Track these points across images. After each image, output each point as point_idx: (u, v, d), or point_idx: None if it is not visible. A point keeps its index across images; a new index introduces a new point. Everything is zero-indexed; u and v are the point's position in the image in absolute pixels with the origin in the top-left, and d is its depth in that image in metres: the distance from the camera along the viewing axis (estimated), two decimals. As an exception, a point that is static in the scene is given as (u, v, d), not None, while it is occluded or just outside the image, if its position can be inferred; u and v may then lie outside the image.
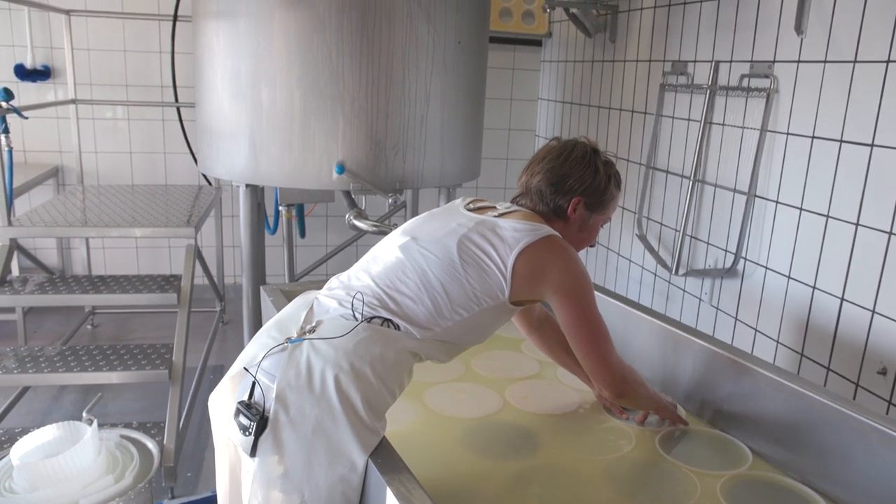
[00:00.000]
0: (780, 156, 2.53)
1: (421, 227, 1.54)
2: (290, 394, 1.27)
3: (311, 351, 1.31)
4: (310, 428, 1.26)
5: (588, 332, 1.52)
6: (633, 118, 3.53)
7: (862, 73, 2.18)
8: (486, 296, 1.41)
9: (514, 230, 1.45)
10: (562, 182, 1.58)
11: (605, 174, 1.61)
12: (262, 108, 2.79)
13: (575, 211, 1.60)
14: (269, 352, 1.34)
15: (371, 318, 1.36)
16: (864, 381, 2.21)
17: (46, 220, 3.04)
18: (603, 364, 1.55)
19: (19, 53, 4.09)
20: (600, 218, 1.66)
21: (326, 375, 1.28)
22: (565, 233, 1.58)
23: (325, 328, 1.35)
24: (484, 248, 1.42)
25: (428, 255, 1.43)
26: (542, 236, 1.45)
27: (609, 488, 1.50)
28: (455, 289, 1.40)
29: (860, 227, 2.20)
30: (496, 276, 1.41)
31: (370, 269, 1.47)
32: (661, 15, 3.25)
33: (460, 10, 2.90)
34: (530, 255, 1.42)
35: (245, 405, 1.29)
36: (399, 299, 1.39)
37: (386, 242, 1.54)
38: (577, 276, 1.49)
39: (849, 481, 1.46)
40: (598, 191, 1.61)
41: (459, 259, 1.41)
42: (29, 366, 2.68)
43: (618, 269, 3.74)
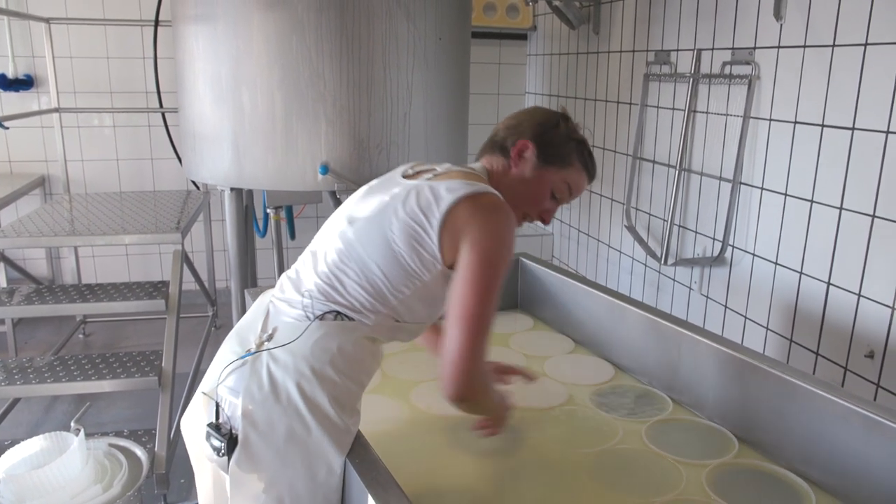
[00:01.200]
0: (764, 142, 2.53)
1: (358, 207, 1.43)
2: (255, 409, 1.26)
3: (271, 361, 1.29)
4: (281, 439, 1.26)
5: (473, 298, 1.27)
6: (619, 109, 3.52)
7: (841, 57, 2.17)
8: (424, 269, 1.33)
9: (444, 191, 1.33)
10: (517, 125, 1.52)
11: (565, 132, 1.51)
12: (243, 111, 2.78)
13: (521, 155, 1.48)
14: (230, 368, 1.32)
15: (323, 315, 1.33)
16: (853, 364, 2.21)
17: (33, 231, 3.03)
18: (468, 348, 1.27)
19: (0, 63, 4.07)
20: (553, 176, 1.50)
21: (289, 384, 1.26)
22: (506, 179, 1.48)
23: (281, 334, 1.33)
24: (416, 218, 1.32)
25: (363, 237, 1.35)
26: (472, 192, 1.32)
27: (595, 481, 1.50)
28: (392, 268, 1.32)
29: (844, 211, 2.20)
30: (429, 245, 1.31)
31: (315, 263, 1.40)
32: (643, 5, 3.25)
33: (440, 7, 2.89)
34: (457, 212, 1.30)
35: (214, 426, 1.28)
36: (343, 290, 1.34)
37: (327, 229, 1.47)
38: (497, 238, 1.31)
39: (835, 467, 1.46)
40: (552, 141, 1.49)
41: (392, 235, 1.32)
42: (17, 377, 2.67)
43: (608, 261, 3.73)
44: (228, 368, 1.32)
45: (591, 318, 2.14)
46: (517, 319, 2.39)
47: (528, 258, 2.45)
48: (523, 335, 2.26)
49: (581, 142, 1.54)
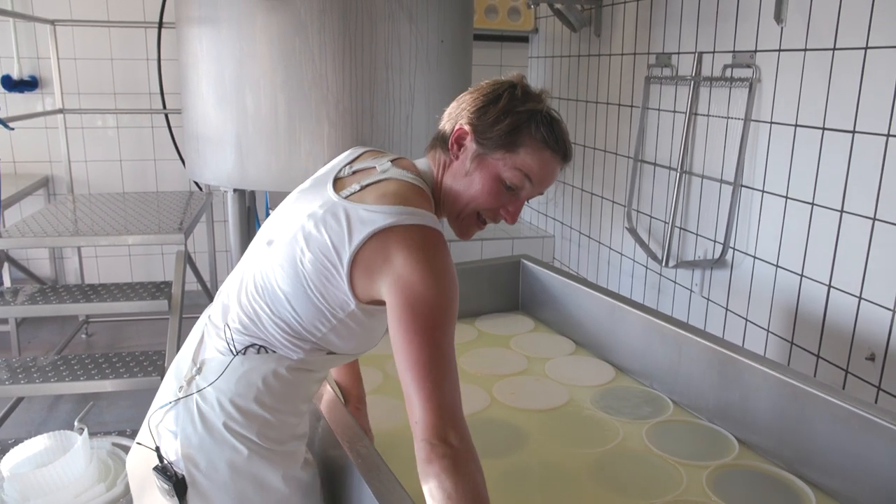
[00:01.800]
0: (765, 145, 2.53)
1: (281, 224, 1.27)
2: (193, 451, 1.21)
3: (200, 400, 1.22)
4: (226, 474, 1.21)
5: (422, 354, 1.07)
6: (620, 111, 3.53)
7: (841, 61, 2.18)
8: (336, 307, 1.17)
9: (359, 220, 1.14)
10: (455, 108, 1.29)
11: (506, 105, 1.23)
12: (247, 112, 2.79)
13: (459, 145, 1.25)
14: (165, 407, 1.26)
15: (245, 349, 1.22)
16: (854, 367, 2.22)
17: (37, 231, 3.04)
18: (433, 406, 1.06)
19: (5, 64, 4.09)
20: (499, 163, 1.22)
21: (217, 424, 1.21)
22: (450, 175, 1.27)
23: (208, 369, 1.24)
24: (325, 251, 1.15)
25: (276, 266, 1.20)
26: (393, 224, 1.12)
27: (596, 482, 1.51)
28: (303, 304, 1.18)
29: (845, 214, 2.21)
30: (339, 283, 1.15)
31: (239, 291, 1.27)
32: (645, 8, 3.26)
33: (442, 9, 2.90)
34: (371, 246, 1.12)
35: (160, 470, 1.23)
36: (260, 324, 1.21)
37: (252, 250, 1.32)
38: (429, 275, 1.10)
39: (835, 469, 1.47)
40: (489, 121, 1.22)
41: (302, 268, 1.17)
42: (21, 377, 2.68)
43: (609, 263, 3.74)
44: (164, 409, 1.26)
45: (592, 319, 2.15)
46: (518, 321, 2.40)
47: (529, 260, 2.46)
48: (524, 337, 2.27)
49: (534, 113, 1.23)
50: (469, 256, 4.22)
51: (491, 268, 2.48)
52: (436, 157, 1.30)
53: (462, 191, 1.26)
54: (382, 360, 2.04)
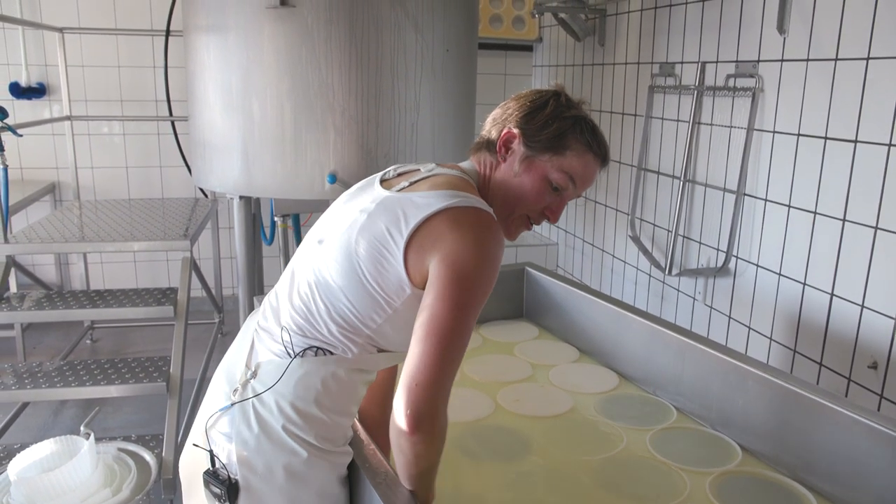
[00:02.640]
0: (768, 154, 2.55)
1: (331, 223, 1.31)
2: (249, 453, 1.22)
3: (258, 403, 1.24)
4: (282, 477, 1.23)
5: (448, 315, 1.12)
6: (624, 120, 3.55)
7: (843, 71, 2.20)
8: (392, 295, 1.20)
9: (415, 205, 1.18)
10: (502, 114, 1.34)
11: (553, 111, 1.30)
12: (253, 120, 2.82)
13: (507, 148, 1.31)
14: (219, 413, 1.28)
15: (303, 352, 1.24)
16: (856, 375, 2.22)
17: (43, 237, 3.06)
18: (433, 369, 1.12)
19: (14, 71, 4.12)
20: (547, 165, 1.29)
21: (277, 427, 1.22)
22: (498, 177, 1.32)
23: (265, 373, 1.25)
24: (381, 238, 1.18)
25: (330, 261, 1.23)
26: (447, 206, 1.16)
27: (600, 488, 1.52)
28: (359, 296, 1.20)
29: (847, 223, 2.22)
30: (395, 268, 1.17)
31: (290, 293, 1.29)
32: (648, 17, 3.28)
33: (448, 18, 2.92)
34: (427, 228, 1.15)
35: (211, 474, 1.25)
36: (317, 324, 1.24)
37: (301, 249, 1.36)
38: (477, 253, 1.14)
39: (837, 476, 1.47)
40: (538, 125, 1.29)
41: (357, 259, 1.19)
42: (27, 382, 2.70)
43: (613, 271, 3.75)
44: (218, 413, 1.28)
45: (596, 327, 2.16)
46: (522, 328, 2.41)
47: (533, 268, 2.47)
48: (528, 344, 2.28)
49: (578, 119, 1.31)
50: (473, 264, 4.23)
51: (495, 275, 2.49)
52: (481, 160, 1.36)
53: (511, 190, 1.31)
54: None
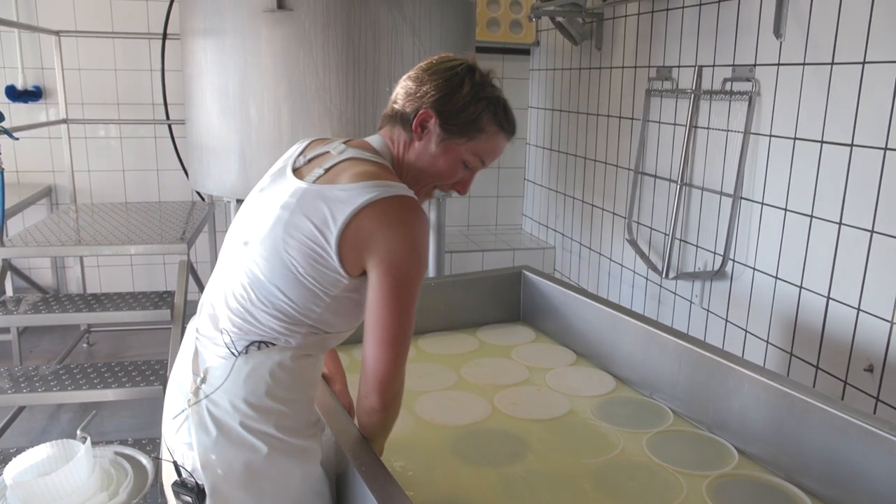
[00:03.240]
0: (764, 157, 2.56)
1: (252, 222, 1.31)
2: (211, 456, 1.23)
3: (211, 405, 1.25)
4: (244, 475, 1.24)
5: (392, 319, 1.22)
6: (621, 124, 3.56)
7: (839, 75, 2.21)
8: (329, 286, 1.23)
9: (339, 199, 1.20)
10: (416, 90, 1.32)
11: (470, 93, 1.31)
12: (250, 123, 2.82)
13: (423, 128, 1.32)
14: (176, 423, 1.29)
15: (246, 348, 1.26)
16: (852, 378, 2.23)
17: (40, 240, 3.06)
18: (391, 366, 1.24)
19: (10, 75, 4.12)
20: (462, 147, 1.33)
21: (234, 425, 1.23)
22: (410, 154, 1.35)
23: (212, 376, 1.26)
24: (311, 237, 1.21)
25: (260, 262, 1.25)
26: (375, 199, 1.19)
27: (597, 491, 1.52)
28: (296, 290, 1.23)
29: (843, 227, 2.22)
30: (330, 263, 1.21)
31: (225, 297, 1.29)
32: (645, 22, 3.29)
33: (445, 22, 2.93)
34: (359, 223, 1.19)
35: (179, 484, 1.27)
36: (256, 322, 1.25)
37: (225, 251, 1.36)
38: (410, 249, 1.21)
39: (834, 479, 1.47)
40: (455, 109, 1.30)
41: (289, 258, 1.22)
42: (23, 385, 2.70)
43: (610, 274, 3.76)
44: (174, 424, 1.29)
45: (593, 330, 2.16)
46: (519, 332, 2.41)
47: (531, 271, 2.48)
48: (525, 347, 2.29)
49: (492, 101, 1.33)
50: (470, 268, 4.24)
51: (493, 279, 2.49)
52: (394, 136, 1.37)
53: (425, 168, 1.35)
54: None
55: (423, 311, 2.32)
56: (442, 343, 2.30)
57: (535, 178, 4.74)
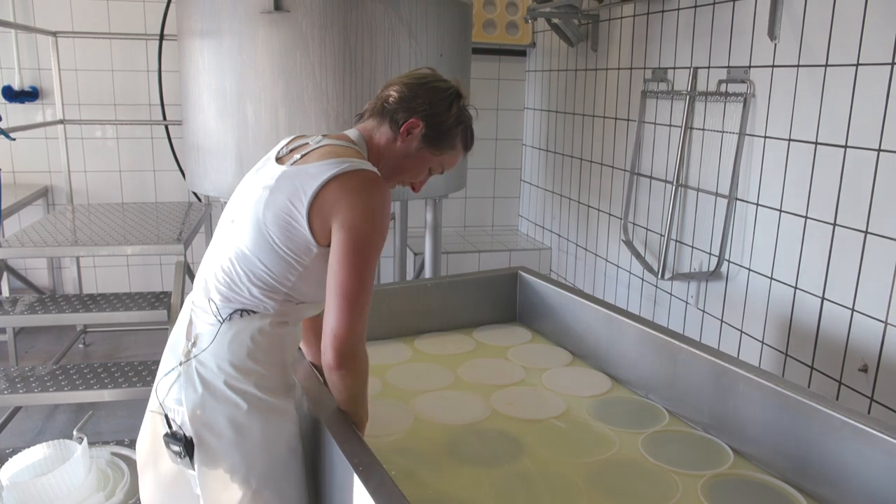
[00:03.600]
0: (759, 159, 2.57)
1: (239, 203, 1.47)
2: (198, 410, 1.37)
3: (199, 365, 1.39)
4: (228, 429, 1.38)
5: (349, 277, 1.34)
6: (617, 125, 3.57)
7: (833, 77, 2.22)
8: (301, 254, 1.38)
9: (309, 175, 1.36)
10: (411, 99, 1.48)
11: (455, 116, 1.51)
12: (247, 124, 2.82)
13: (409, 133, 1.49)
14: (168, 381, 1.43)
15: (230, 315, 1.41)
16: (847, 378, 2.24)
17: (36, 241, 3.05)
18: (346, 322, 1.35)
19: (7, 75, 4.12)
20: (433, 158, 1.54)
21: (218, 384, 1.38)
22: (388, 151, 1.51)
23: (202, 340, 1.42)
24: (284, 208, 1.36)
25: (244, 235, 1.40)
26: (338, 172, 1.35)
27: (592, 491, 1.53)
28: (273, 260, 1.38)
29: (837, 227, 2.24)
30: (300, 232, 1.36)
31: (214, 270, 1.45)
32: (641, 23, 3.30)
33: (442, 24, 2.94)
34: (324, 195, 1.34)
35: (170, 436, 1.40)
36: (239, 290, 1.40)
37: (217, 230, 1.52)
38: (369, 216, 1.35)
39: (828, 478, 1.48)
40: (441, 127, 1.49)
41: (266, 229, 1.37)
42: (20, 386, 2.69)
43: (606, 275, 3.77)
44: (166, 381, 1.43)
45: (589, 331, 2.17)
46: (515, 332, 2.42)
47: (527, 272, 2.48)
48: (521, 348, 2.29)
49: (467, 125, 1.56)
50: (466, 268, 4.25)
51: (489, 279, 2.50)
52: (374, 130, 1.52)
53: (397, 166, 1.53)
54: (383, 370, 2.07)
55: (419, 311, 2.36)
56: (438, 343, 2.31)
57: (532, 179, 4.75)
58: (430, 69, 1.58)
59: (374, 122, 1.53)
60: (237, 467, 1.39)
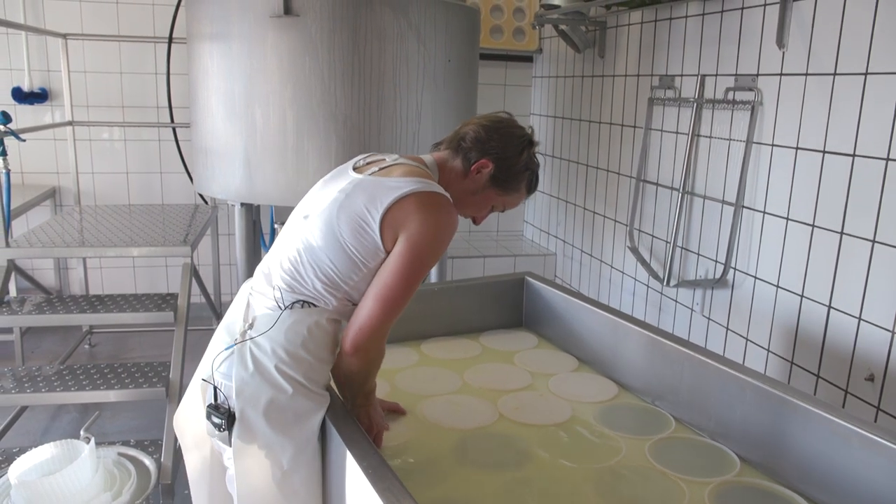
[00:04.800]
0: (766, 167, 2.57)
1: (313, 202, 1.57)
2: (245, 387, 1.45)
3: (254, 347, 1.48)
4: (270, 408, 1.45)
5: (397, 284, 1.45)
6: (623, 132, 3.58)
7: (842, 86, 2.23)
8: (368, 257, 1.47)
9: (387, 188, 1.47)
10: (486, 140, 1.59)
11: (525, 162, 1.63)
12: (256, 128, 2.84)
13: (479, 172, 1.60)
14: (221, 357, 1.51)
15: (292, 305, 1.50)
16: (853, 387, 2.24)
17: (44, 241, 3.07)
18: (376, 321, 1.46)
19: (17, 76, 4.14)
20: (497, 198, 1.66)
21: (269, 366, 1.46)
22: (457, 184, 1.60)
23: (259, 323, 1.50)
24: (359, 212, 1.46)
25: (315, 232, 1.49)
26: (416, 190, 1.45)
27: (598, 497, 1.53)
28: (341, 258, 1.47)
29: (844, 236, 2.24)
30: (371, 236, 1.45)
31: (280, 260, 1.54)
32: (648, 30, 3.31)
33: (450, 29, 2.95)
34: (399, 207, 1.44)
35: (213, 407, 1.48)
36: (304, 282, 1.50)
37: (289, 223, 1.61)
38: (434, 236, 1.46)
39: (834, 486, 1.48)
40: (510, 170, 1.61)
41: (339, 229, 1.46)
42: (27, 385, 2.70)
43: (611, 281, 3.77)
44: (220, 357, 1.51)
45: (595, 336, 2.17)
46: (522, 337, 2.43)
47: (534, 277, 2.49)
48: (528, 353, 2.30)
49: (535, 171, 1.67)
50: (471, 273, 4.25)
51: (495, 284, 2.51)
52: (447, 161, 1.63)
53: (463, 199, 1.63)
54: (390, 374, 2.07)
55: (425, 315, 2.36)
56: (445, 348, 2.31)
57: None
58: (507, 113, 1.69)
59: (448, 154, 1.64)
60: (273, 447, 1.45)
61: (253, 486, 1.47)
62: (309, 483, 1.52)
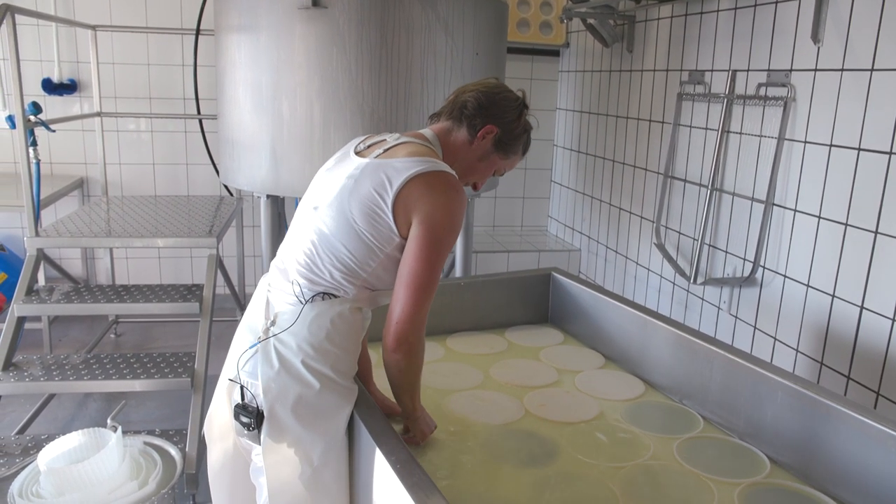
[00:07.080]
0: (798, 164, 2.53)
1: (321, 191, 1.55)
2: (272, 385, 1.45)
3: (278, 343, 1.47)
4: (296, 404, 1.45)
5: (422, 269, 1.45)
6: (651, 127, 3.54)
7: (879, 82, 2.18)
8: (383, 242, 1.47)
9: (395, 168, 1.46)
10: (488, 107, 1.60)
11: (522, 126, 1.66)
12: (282, 120, 2.84)
13: (484, 138, 1.62)
14: (246, 356, 1.51)
15: (312, 298, 1.49)
16: (885, 389, 2.20)
17: (72, 231, 3.10)
18: (411, 309, 1.45)
19: (46, 68, 4.18)
20: (500, 162, 1.67)
21: (296, 362, 1.45)
22: (463, 152, 1.62)
23: (282, 319, 1.50)
24: (371, 198, 1.45)
25: (328, 222, 1.49)
26: (423, 171, 1.45)
27: (626, 496, 1.51)
28: (357, 246, 1.46)
29: (879, 235, 2.19)
30: (385, 221, 1.45)
31: (295, 254, 1.53)
32: (678, 25, 3.27)
33: (478, 22, 2.93)
34: (409, 189, 1.43)
35: (241, 407, 1.48)
36: (322, 273, 1.49)
37: (298, 217, 1.60)
38: (448, 215, 1.46)
39: (868, 490, 1.46)
40: (512, 134, 1.64)
41: (352, 216, 1.46)
42: (55, 373, 2.74)
43: (636, 278, 3.74)
44: (245, 356, 1.51)
45: (623, 333, 2.15)
46: (547, 334, 2.41)
47: (560, 273, 2.47)
48: (554, 349, 2.28)
49: (529, 132, 1.70)
50: (495, 268, 4.24)
51: (521, 280, 2.49)
52: (450, 132, 1.63)
53: (469, 166, 1.65)
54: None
55: (451, 310, 2.35)
56: (470, 343, 2.30)
57: (562, 179, 4.72)
58: (496, 79, 1.71)
59: (450, 123, 1.63)
60: (303, 444, 1.46)
61: (284, 483, 1.47)
62: (339, 478, 1.52)
